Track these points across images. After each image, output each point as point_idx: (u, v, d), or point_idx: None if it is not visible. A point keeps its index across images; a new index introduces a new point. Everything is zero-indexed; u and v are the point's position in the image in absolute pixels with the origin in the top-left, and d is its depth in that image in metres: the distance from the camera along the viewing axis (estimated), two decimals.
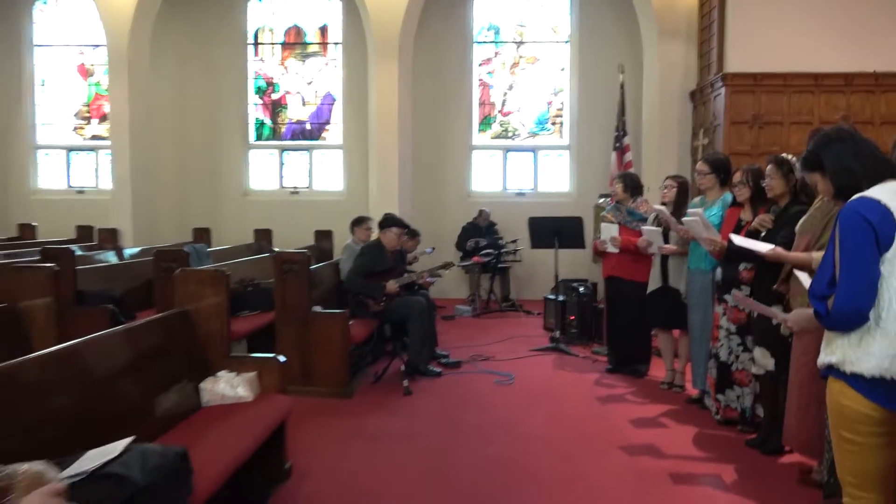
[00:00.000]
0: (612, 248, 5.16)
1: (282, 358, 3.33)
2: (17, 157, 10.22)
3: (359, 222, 6.21)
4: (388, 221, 5.46)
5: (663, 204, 4.74)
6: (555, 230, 6.18)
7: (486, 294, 8.53)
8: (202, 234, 8.59)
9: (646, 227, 4.84)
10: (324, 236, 8.82)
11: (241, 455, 2.61)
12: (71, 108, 10.30)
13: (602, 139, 8.86)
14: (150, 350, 2.95)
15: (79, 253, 5.96)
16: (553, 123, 9.67)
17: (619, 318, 5.30)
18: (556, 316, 6.53)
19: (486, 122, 9.74)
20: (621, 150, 7.88)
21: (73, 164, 10.30)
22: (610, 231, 5.19)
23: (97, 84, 10.21)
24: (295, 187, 9.94)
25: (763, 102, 6.95)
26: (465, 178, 9.61)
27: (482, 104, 9.73)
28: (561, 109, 9.61)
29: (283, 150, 9.97)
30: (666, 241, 4.63)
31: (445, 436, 3.96)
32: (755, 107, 6.94)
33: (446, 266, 5.89)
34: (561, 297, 6.49)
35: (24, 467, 1.35)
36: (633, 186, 5.34)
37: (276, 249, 7.05)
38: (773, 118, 6.93)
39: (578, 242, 6.19)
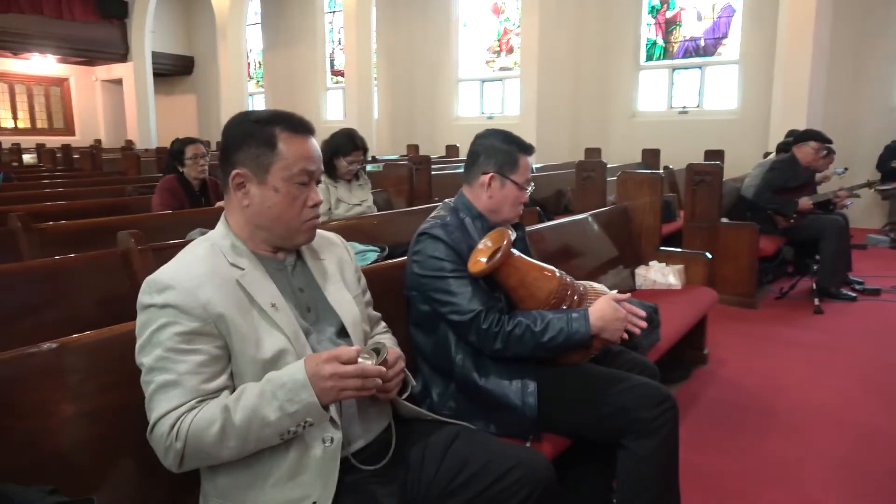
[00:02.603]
0: None
1: (709, 254, 3.65)
2: (443, 89, 12.39)
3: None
4: (807, 135, 5.18)
5: None
6: None
7: None
8: (593, 153, 9.29)
9: None
10: (715, 156, 8.68)
11: (682, 329, 3.06)
12: (483, 44, 11.94)
13: None
14: (595, 237, 3.57)
15: None
16: None
17: None
18: None
19: None
20: None
21: (485, 93, 12.04)
22: None
23: (507, 19, 11.58)
24: (684, 106, 9.86)
25: None
26: (890, 88, 8.24)
27: None
28: None
29: (673, 69, 9.93)
30: None
31: (868, 353, 3.82)
32: None
33: (870, 185, 5.36)
34: None
35: (589, 283, 1.97)
36: None
37: (670, 166, 7.30)
38: None
39: None
